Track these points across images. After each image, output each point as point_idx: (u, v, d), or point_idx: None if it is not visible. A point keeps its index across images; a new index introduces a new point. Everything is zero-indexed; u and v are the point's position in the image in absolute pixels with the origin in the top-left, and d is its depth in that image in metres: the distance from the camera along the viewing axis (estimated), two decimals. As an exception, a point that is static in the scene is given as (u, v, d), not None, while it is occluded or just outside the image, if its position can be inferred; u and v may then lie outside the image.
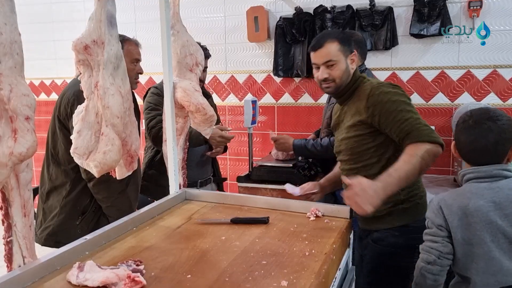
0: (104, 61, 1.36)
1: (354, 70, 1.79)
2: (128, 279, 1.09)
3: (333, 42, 1.74)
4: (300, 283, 1.12)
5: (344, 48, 1.75)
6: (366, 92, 1.71)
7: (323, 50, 1.74)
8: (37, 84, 4.33)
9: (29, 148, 1.00)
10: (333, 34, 1.79)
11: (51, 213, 2.03)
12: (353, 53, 1.78)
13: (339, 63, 1.74)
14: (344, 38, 1.78)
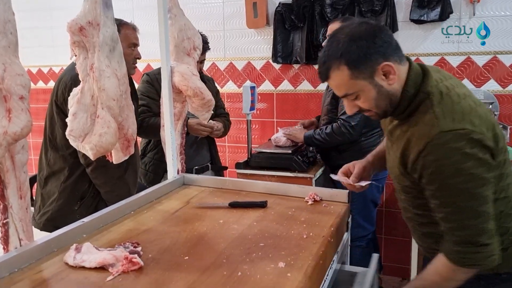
0: (99, 43, 1.35)
1: (399, 84, 1.20)
2: (125, 260, 1.09)
3: (341, 69, 1.16)
4: (298, 265, 1.12)
5: (359, 71, 1.15)
6: (421, 143, 1.15)
7: (332, 83, 1.22)
8: (35, 72, 4.31)
9: (24, 127, 1.00)
10: (336, 54, 1.16)
11: (50, 198, 2.03)
12: (381, 64, 1.14)
13: (363, 92, 1.19)
14: (357, 57, 1.14)
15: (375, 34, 1.15)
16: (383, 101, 1.20)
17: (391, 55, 1.16)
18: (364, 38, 1.14)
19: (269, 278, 1.04)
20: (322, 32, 3.24)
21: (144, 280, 1.04)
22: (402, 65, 1.19)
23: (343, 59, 1.14)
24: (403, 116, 1.24)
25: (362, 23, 1.19)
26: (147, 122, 2.41)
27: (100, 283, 1.03)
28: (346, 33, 1.17)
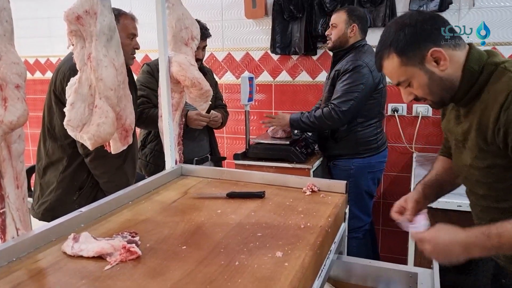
0: (96, 32, 1.33)
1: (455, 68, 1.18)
2: (123, 249, 1.09)
3: (390, 57, 1.20)
4: (295, 254, 1.12)
5: (409, 57, 1.17)
6: (501, 96, 1.10)
7: (386, 72, 1.26)
8: (32, 63, 4.28)
9: (20, 116, 0.99)
10: (386, 43, 1.21)
11: (48, 188, 2.03)
12: (430, 50, 1.16)
13: (415, 79, 1.20)
14: (404, 44, 1.17)
15: (425, 21, 1.16)
16: (436, 88, 1.20)
17: (442, 40, 1.16)
18: (412, 25, 1.17)
19: (266, 268, 1.05)
20: (321, 23, 3.22)
21: (142, 269, 1.05)
22: (458, 50, 1.18)
23: (392, 47, 1.18)
24: (470, 95, 1.19)
25: (415, 12, 1.21)
26: (147, 113, 2.42)
27: (98, 272, 1.03)
28: (396, 21, 1.21)
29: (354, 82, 2.47)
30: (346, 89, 2.48)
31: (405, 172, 3.21)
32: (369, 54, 2.57)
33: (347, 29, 2.56)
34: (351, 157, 2.63)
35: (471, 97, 1.20)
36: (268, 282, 0.98)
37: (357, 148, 2.62)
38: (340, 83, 2.52)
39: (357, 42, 2.60)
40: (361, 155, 2.62)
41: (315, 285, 1.17)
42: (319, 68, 3.40)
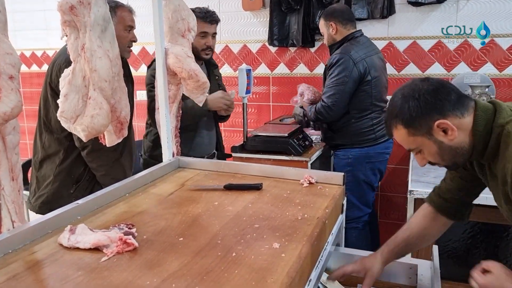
0: (91, 22, 1.32)
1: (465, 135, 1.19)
2: (120, 241, 1.09)
3: (398, 128, 1.23)
4: (292, 246, 1.12)
5: (415, 128, 1.19)
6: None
7: (396, 139, 1.29)
8: (28, 55, 4.26)
9: (14, 107, 0.98)
10: (392, 114, 1.24)
11: (45, 181, 2.02)
12: (436, 122, 1.17)
13: (425, 147, 1.22)
14: (409, 117, 1.18)
15: (430, 93, 1.17)
16: (448, 155, 1.21)
17: (449, 111, 1.16)
18: (416, 97, 1.18)
19: (263, 259, 1.04)
20: (318, 15, 3.21)
21: (139, 260, 1.04)
22: (466, 117, 1.18)
23: (398, 119, 1.21)
24: (487, 157, 1.20)
25: (420, 82, 1.21)
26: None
27: (94, 263, 1.03)
28: (402, 93, 1.22)
29: (337, 76, 2.55)
30: (329, 84, 2.58)
31: (403, 164, 3.22)
32: (359, 45, 2.61)
33: (329, 30, 2.68)
34: (350, 147, 2.70)
35: (490, 158, 1.20)
36: (265, 273, 0.98)
37: (353, 139, 2.68)
38: (328, 78, 2.61)
39: (350, 35, 2.65)
40: (360, 145, 2.68)
41: (312, 276, 1.17)
42: (317, 60, 3.39)
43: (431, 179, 2.18)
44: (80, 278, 0.96)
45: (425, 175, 2.28)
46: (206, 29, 2.37)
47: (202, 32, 2.33)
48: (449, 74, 3.10)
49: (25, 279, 0.97)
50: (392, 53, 3.18)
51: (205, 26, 2.36)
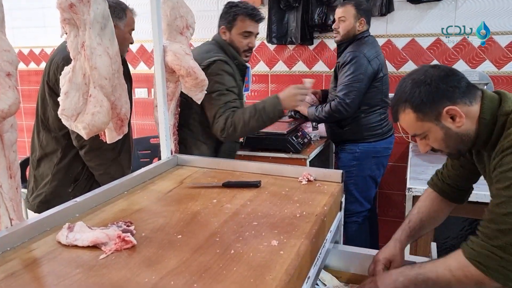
0: (90, 20, 1.32)
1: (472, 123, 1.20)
2: (118, 238, 1.09)
3: (406, 112, 1.23)
4: (291, 243, 1.12)
5: (424, 113, 1.20)
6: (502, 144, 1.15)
7: (402, 124, 1.29)
8: (26, 53, 4.25)
9: (11, 105, 0.98)
10: (402, 99, 1.23)
11: (43, 180, 2.01)
12: (445, 108, 1.18)
13: (431, 133, 1.23)
14: (420, 102, 1.19)
15: (441, 79, 1.18)
16: (452, 142, 1.23)
17: (458, 98, 1.18)
18: (428, 83, 1.19)
19: (262, 256, 1.05)
20: (317, 12, 3.21)
21: (137, 258, 1.04)
22: (474, 105, 1.20)
23: (408, 103, 1.21)
24: (489, 147, 1.21)
25: (430, 68, 1.22)
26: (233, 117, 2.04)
27: (93, 261, 1.03)
28: (412, 78, 1.22)
29: (354, 73, 2.54)
30: (347, 81, 2.57)
31: (402, 162, 3.22)
32: (369, 44, 2.65)
33: (356, 23, 2.65)
34: (357, 142, 2.72)
35: (492, 147, 1.20)
36: (263, 270, 0.98)
37: (361, 133, 2.69)
38: (342, 76, 2.60)
39: (359, 34, 2.67)
40: (366, 140, 2.70)
41: (311, 273, 1.17)
42: (316, 58, 3.39)
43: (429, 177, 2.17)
44: (78, 276, 0.96)
45: (423, 173, 2.28)
46: (252, 28, 2.16)
47: (246, 32, 2.15)
48: (447, 71, 3.10)
49: (23, 276, 0.97)
50: (391, 50, 3.18)
51: (251, 25, 2.15)
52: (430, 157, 2.58)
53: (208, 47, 2.17)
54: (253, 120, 1.97)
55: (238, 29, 2.13)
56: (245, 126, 1.98)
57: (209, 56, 2.06)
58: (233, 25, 2.14)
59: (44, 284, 0.95)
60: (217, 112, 2.01)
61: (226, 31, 2.16)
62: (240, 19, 2.13)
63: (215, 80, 2.00)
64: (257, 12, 2.15)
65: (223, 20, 2.18)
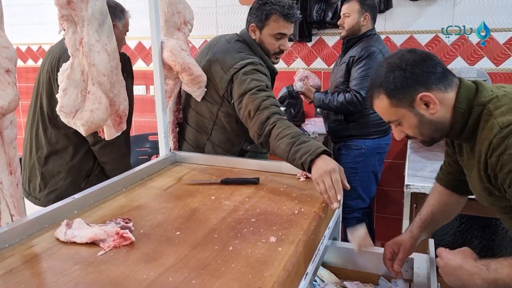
0: (88, 16, 1.31)
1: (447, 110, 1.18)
2: (116, 235, 1.09)
3: (381, 98, 1.20)
4: (289, 239, 1.13)
5: (398, 99, 1.17)
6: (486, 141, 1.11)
7: (376, 110, 1.25)
8: (24, 50, 4.23)
9: (11, 101, 0.98)
10: (376, 84, 1.20)
11: (54, 177, 2.01)
12: (419, 94, 1.15)
13: (405, 120, 1.20)
14: (394, 87, 1.16)
15: (416, 64, 1.15)
16: (426, 129, 1.20)
17: (433, 84, 1.15)
18: (402, 68, 1.16)
19: (260, 252, 1.05)
20: (316, 9, 3.20)
21: (136, 254, 1.05)
22: (449, 91, 1.17)
23: (382, 88, 1.18)
24: (465, 136, 1.19)
25: (407, 53, 1.19)
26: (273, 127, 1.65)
27: (91, 258, 1.03)
28: (388, 62, 1.19)
29: (371, 68, 2.53)
30: (362, 75, 2.56)
31: (400, 159, 3.23)
32: (381, 42, 2.68)
33: (360, 18, 2.65)
34: (363, 138, 2.71)
35: (468, 137, 1.19)
36: (261, 266, 0.99)
37: (368, 129, 2.70)
38: (357, 69, 2.59)
39: (369, 31, 2.69)
40: (372, 136, 2.70)
41: (309, 269, 1.17)
42: (314, 55, 3.39)
43: (428, 174, 2.19)
44: (77, 272, 0.96)
45: (421, 170, 2.29)
46: (286, 30, 1.89)
47: (279, 34, 1.87)
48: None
49: (22, 273, 0.97)
50: (389, 47, 3.17)
51: (286, 26, 1.88)
52: (428, 154, 2.59)
53: (238, 46, 1.90)
54: (286, 141, 1.56)
55: (271, 29, 1.86)
56: (277, 139, 1.60)
57: (243, 57, 1.82)
58: (265, 24, 1.86)
59: (43, 280, 0.96)
60: (261, 105, 1.68)
61: (256, 30, 1.89)
62: (273, 19, 1.84)
63: (253, 78, 1.76)
64: (293, 12, 1.86)
65: (254, 17, 1.88)
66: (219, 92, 1.85)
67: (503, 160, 1.06)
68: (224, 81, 1.82)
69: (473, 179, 1.24)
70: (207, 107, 1.91)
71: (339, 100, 2.61)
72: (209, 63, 1.89)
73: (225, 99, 1.85)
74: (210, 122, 1.92)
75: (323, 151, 1.46)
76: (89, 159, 2.03)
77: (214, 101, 1.88)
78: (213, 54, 1.90)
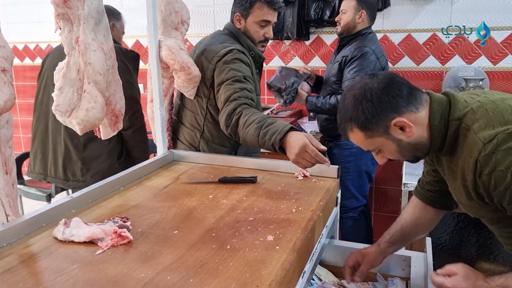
0: (84, 15, 1.31)
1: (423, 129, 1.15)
2: (114, 234, 1.09)
3: (354, 132, 1.18)
4: (286, 238, 1.13)
5: (372, 130, 1.15)
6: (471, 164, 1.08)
7: (352, 141, 1.24)
8: (21, 49, 4.22)
9: (7, 101, 0.98)
10: (346, 118, 1.18)
11: (95, 160, 2.29)
12: (393, 121, 1.13)
13: (384, 147, 1.19)
14: (364, 119, 1.14)
15: (382, 91, 1.13)
16: (407, 151, 1.18)
17: (403, 107, 1.13)
18: (369, 99, 1.13)
19: (257, 251, 1.05)
20: (313, 8, 3.20)
21: (134, 253, 1.05)
22: (421, 110, 1.15)
23: (353, 122, 1.15)
24: (446, 151, 1.17)
25: (369, 80, 1.16)
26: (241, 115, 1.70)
27: (89, 256, 1.03)
28: (354, 94, 1.16)
29: (364, 69, 2.49)
30: (356, 76, 2.51)
31: (397, 157, 3.23)
32: (375, 41, 2.63)
33: (356, 15, 2.60)
34: None
35: (448, 151, 1.17)
36: (259, 265, 0.99)
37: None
38: (349, 70, 2.55)
39: (364, 29, 2.64)
40: None
41: (307, 268, 1.18)
42: (312, 53, 3.39)
43: (425, 172, 2.19)
44: (75, 271, 0.96)
45: (419, 168, 2.27)
46: (270, 17, 1.94)
47: (263, 21, 1.93)
48: (443, 67, 3.10)
49: (20, 272, 0.97)
50: (387, 46, 3.18)
51: (269, 14, 1.93)
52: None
53: (222, 38, 1.96)
54: (254, 126, 1.60)
55: (255, 17, 1.92)
56: (244, 127, 1.64)
57: (225, 47, 1.86)
58: (250, 12, 1.92)
59: (41, 279, 0.95)
60: (231, 96, 1.73)
61: (241, 19, 1.95)
62: (257, 6, 1.91)
63: (231, 67, 1.79)
64: (277, 0, 1.94)
65: (238, 6, 1.95)
66: (207, 84, 1.89)
67: (496, 177, 1.03)
68: (209, 71, 1.86)
69: (457, 191, 1.22)
70: (198, 103, 1.94)
71: (331, 102, 2.58)
72: (195, 59, 1.92)
73: (212, 90, 1.88)
74: (202, 118, 1.95)
75: (290, 128, 1.51)
76: (119, 142, 2.32)
77: (203, 95, 1.91)
78: (200, 50, 1.95)
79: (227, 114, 1.70)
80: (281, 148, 1.51)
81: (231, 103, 1.71)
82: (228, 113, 1.70)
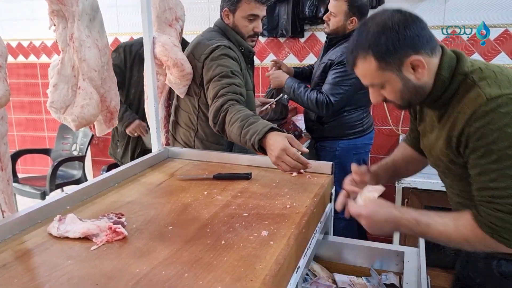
0: (79, 12, 1.31)
1: (430, 76, 1.14)
2: (109, 230, 1.10)
3: (368, 60, 1.13)
4: (281, 233, 1.14)
5: (387, 63, 1.11)
6: (467, 113, 1.08)
7: (358, 72, 1.19)
8: (15, 46, 4.19)
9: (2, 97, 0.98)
10: (364, 44, 1.12)
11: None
12: (410, 58, 1.10)
13: (389, 83, 1.15)
14: (385, 50, 1.09)
15: (407, 26, 1.09)
16: (408, 94, 1.16)
17: (422, 48, 1.10)
18: (394, 29, 1.09)
19: (252, 246, 1.06)
20: (308, 5, 3.21)
21: (128, 249, 1.05)
22: (434, 57, 1.14)
23: (371, 50, 1.11)
24: (441, 102, 1.17)
25: (396, 12, 1.12)
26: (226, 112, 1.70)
27: (84, 252, 1.03)
28: (377, 22, 1.11)
29: (347, 76, 2.42)
30: (338, 81, 2.46)
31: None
32: None
33: (346, 22, 2.50)
34: (337, 139, 2.66)
35: (442, 104, 1.18)
36: (253, 260, 1.00)
37: (342, 131, 2.64)
38: (333, 74, 2.49)
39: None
40: (347, 137, 2.65)
41: (301, 263, 1.19)
42: (307, 50, 3.39)
43: (418, 168, 2.20)
44: (70, 267, 0.97)
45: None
46: (257, 11, 1.93)
47: (251, 15, 1.93)
48: (437, 64, 3.12)
49: (15, 268, 0.97)
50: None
51: (257, 8, 1.93)
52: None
53: (210, 35, 1.96)
54: (237, 125, 1.60)
55: (243, 11, 1.91)
56: (229, 126, 1.64)
57: (212, 44, 1.86)
58: (237, 7, 1.92)
59: (36, 275, 0.96)
60: (219, 92, 1.73)
61: (230, 14, 1.95)
62: (245, 1, 1.90)
63: (218, 63, 1.79)
64: None
65: (226, 1, 1.95)
66: (197, 82, 1.89)
67: (482, 132, 1.05)
68: (198, 68, 1.87)
69: (433, 142, 1.24)
70: (190, 102, 1.95)
71: (311, 97, 2.49)
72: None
73: (202, 89, 1.88)
74: (195, 117, 1.95)
75: (270, 128, 1.50)
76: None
77: (194, 94, 1.92)
78: (189, 48, 1.96)
79: (215, 111, 1.71)
80: (262, 148, 1.50)
81: (218, 99, 1.71)
82: (215, 110, 1.71)
